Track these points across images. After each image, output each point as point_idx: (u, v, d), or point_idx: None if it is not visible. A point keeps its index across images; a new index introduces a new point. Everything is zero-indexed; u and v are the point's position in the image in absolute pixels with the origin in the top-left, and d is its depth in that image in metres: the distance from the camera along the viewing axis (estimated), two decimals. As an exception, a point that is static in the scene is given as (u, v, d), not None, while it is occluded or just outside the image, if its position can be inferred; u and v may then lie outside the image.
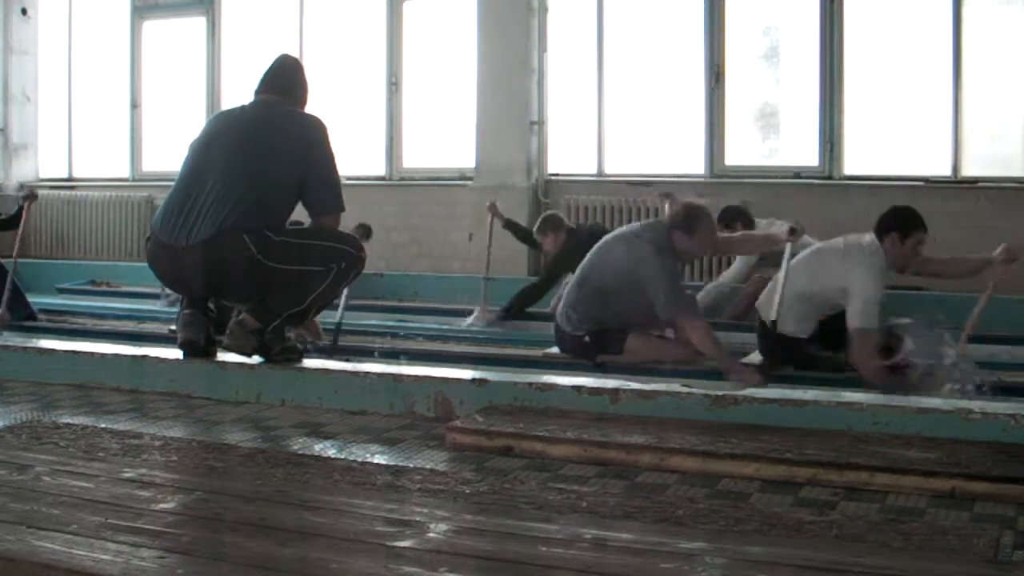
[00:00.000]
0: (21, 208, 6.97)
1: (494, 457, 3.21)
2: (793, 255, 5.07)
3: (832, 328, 4.98)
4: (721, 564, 2.19)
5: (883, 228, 4.92)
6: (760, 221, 6.58)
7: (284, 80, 4.34)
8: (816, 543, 2.34)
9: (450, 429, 3.40)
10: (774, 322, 4.92)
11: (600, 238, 5.43)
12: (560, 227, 6.89)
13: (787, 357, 5.04)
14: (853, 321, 4.76)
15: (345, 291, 5.40)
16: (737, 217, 6.57)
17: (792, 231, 5.00)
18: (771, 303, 5.06)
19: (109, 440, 3.26)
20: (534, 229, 7.14)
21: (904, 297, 6.15)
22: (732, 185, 8.07)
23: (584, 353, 5.14)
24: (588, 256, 5.29)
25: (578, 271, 5.38)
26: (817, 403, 3.44)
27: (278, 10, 9.98)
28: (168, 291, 6.73)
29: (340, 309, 5.88)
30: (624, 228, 5.44)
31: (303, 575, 2.12)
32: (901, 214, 5.00)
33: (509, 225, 7.66)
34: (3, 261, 6.91)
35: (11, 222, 7.25)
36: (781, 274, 5.01)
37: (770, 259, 5.96)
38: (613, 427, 3.32)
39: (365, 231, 6.97)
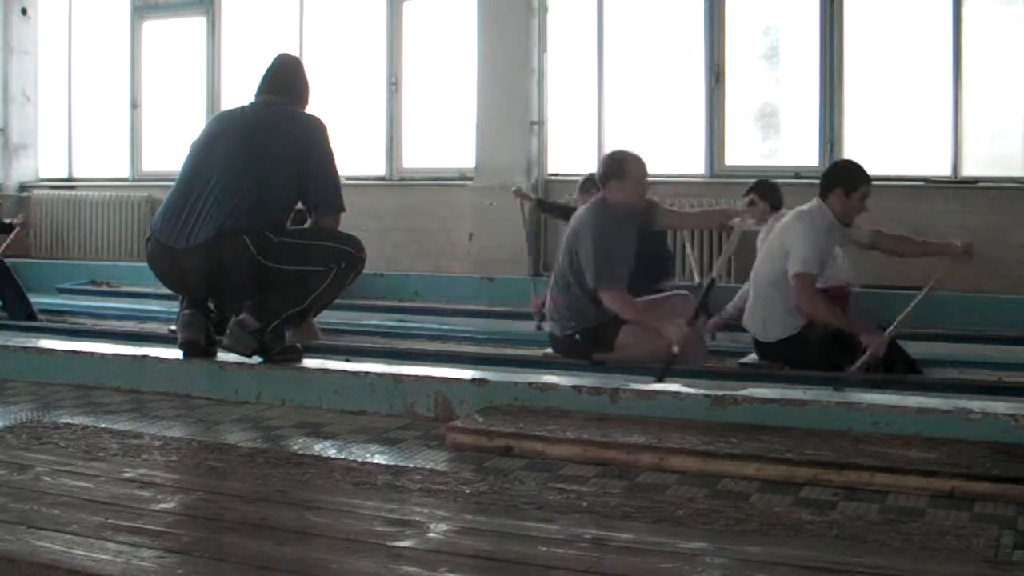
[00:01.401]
0: (12, 227, 7.03)
1: (494, 457, 3.21)
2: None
3: (826, 326, 4.99)
4: (721, 564, 2.19)
5: (826, 185, 4.98)
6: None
7: (284, 79, 4.34)
8: (816, 543, 2.34)
9: (450, 429, 3.40)
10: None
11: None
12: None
13: (788, 357, 5.03)
14: (793, 267, 4.83)
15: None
16: (770, 190, 6.44)
17: (751, 204, 5.07)
18: (753, 318, 5.09)
19: (109, 440, 3.26)
20: (578, 186, 6.94)
21: (903, 296, 6.14)
22: (732, 185, 8.06)
23: (577, 352, 5.09)
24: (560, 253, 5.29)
25: (553, 270, 5.36)
26: (817, 403, 3.44)
27: (278, 10, 9.98)
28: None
29: None
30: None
31: (303, 575, 2.12)
32: (845, 168, 5.09)
33: (542, 204, 7.59)
34: (9, 260, 6.96)
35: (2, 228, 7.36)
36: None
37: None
38: (613, 427, 3.32)
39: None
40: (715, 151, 8.51)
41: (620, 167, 5.05)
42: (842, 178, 4.96)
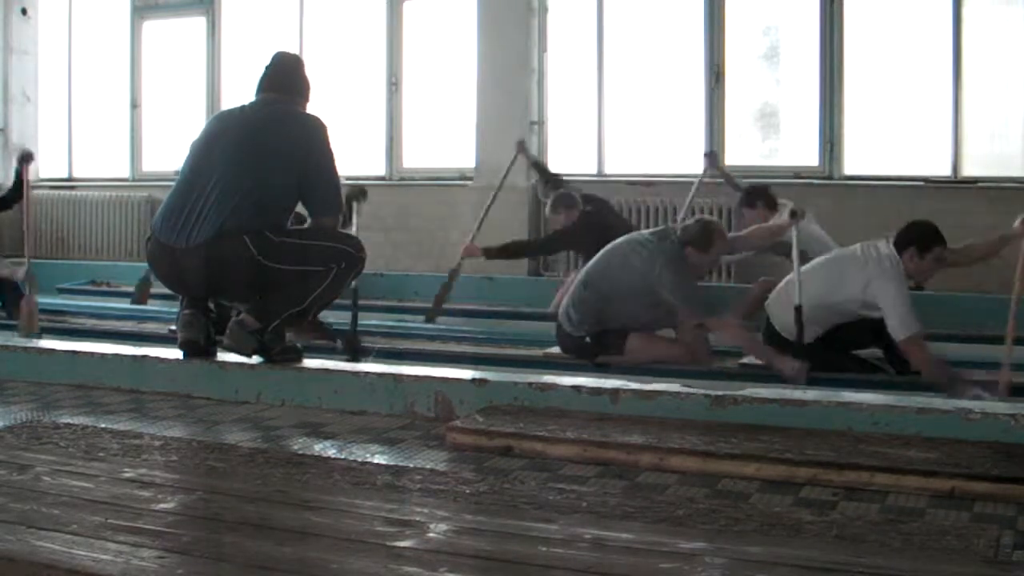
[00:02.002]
0: (19, 173, 6.85)
1: (494, 457, 3.21)
2: (800, 254, 5.11)
3: (840, 333, 5.00)
4: (721, 564, 2.19)
5: (902, 243, 4.93)
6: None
7: (284, 78, 4.33)
8: (816, 543, 2.34)
9: (450, 429, 3.40)
10: (798, 307, 4.90)
11: (612, 228, 5.44)
12: (575, 207, 6.82)
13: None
14: (899, 333, 4.76)
15: (355, 287, 5.38)
16: (760, 197, 6.54)
17: (793, 214, 5.08)
18: (780, 303, 5.08)
19: (109, 440, 3.26)
20: (548, 205, 7.04)
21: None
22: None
23: (584, 353, 5.15)
24: (597, 259, 5.29)
25: (583, 273, 5.39)
26: (817, 403, 3.44)
27: (278, 10, 9.97)
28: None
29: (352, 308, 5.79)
30: (635, 235, 5.43)
31: (303, 575, 2.12)
32: (920, 229, 5.01)
33: (536, 166, 7.68)
34: (12, 260, 6.92)
35: (13, 194, 7.15)
36: (795, 255, 5.06)
37: (777, 248, 6.01)
38: (613, 427, 3.32)
39: (360, 191, 6.75)
40: (715, 151, 8.49)
41: (706, 241, 5.16)
42: (916, 239, 4.93)
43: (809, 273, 5.13)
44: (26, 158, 6.80)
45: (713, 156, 7.74)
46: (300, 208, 4.34)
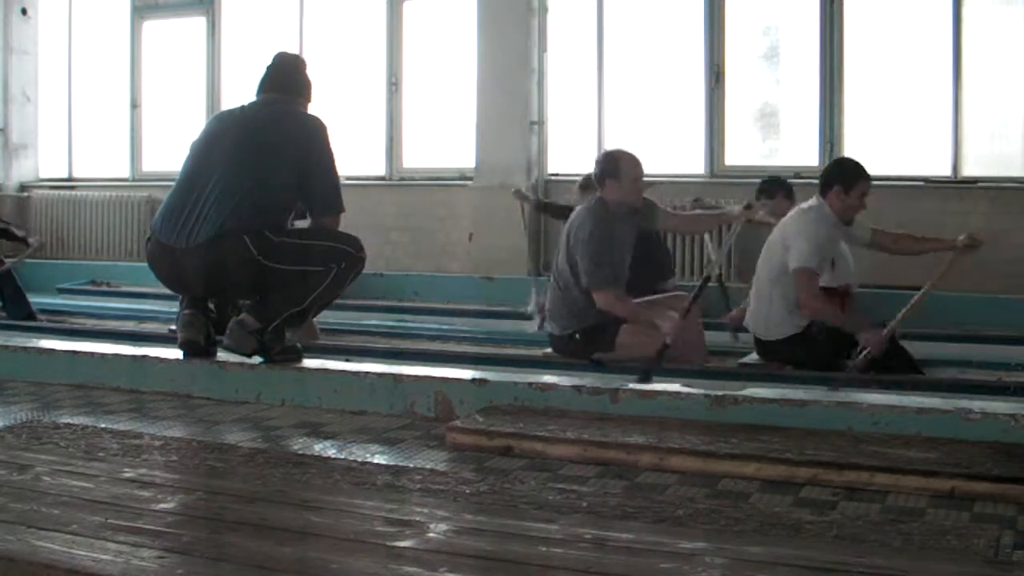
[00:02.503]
0: (24, 240, 7.09)
1: (494, 457, 3.21)
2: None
3: (827, 326, 5.00)
4: (721, 564, 2.19)
5: (826, 183, 4.99)
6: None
7: (284, 78, 4.34)
8: (816, 543, 2.34)
9: (450, 429, 3.40)
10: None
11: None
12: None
13: (789, 358, 5.03)
14: (791, 263, 4.83)
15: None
16: (780, 187, 6.52)
17: (748, 207, 5.09)
18: (755, 318, 5.09)
19: (109, 440, 3.26)
20: (578, 185, 6.96)
21: (903, 296, 6.15)
22: (732, 185, 8.06)
23: (578, 352, 5.09)
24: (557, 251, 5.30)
25: (552, 271, 5.37)
26: (817, 403, 3.44)
27: (278, 10, 9.97)
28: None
29: None
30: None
31: (303, 575, 2.12)
32: (843, 166, 5.08)
33: (541, 205, 7.60)
34: (11, 260, 6.97)
35: (6, 235, 7.38)
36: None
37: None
38: (613, 427, 3.32)
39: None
40: (715, 151, 8.50)
41: (615, 166, 5.07)
42: (840, 175, 4.98)
43: (761, 257, 5.17)
44: (38, 248, 7.13)
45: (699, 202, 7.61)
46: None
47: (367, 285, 7.24)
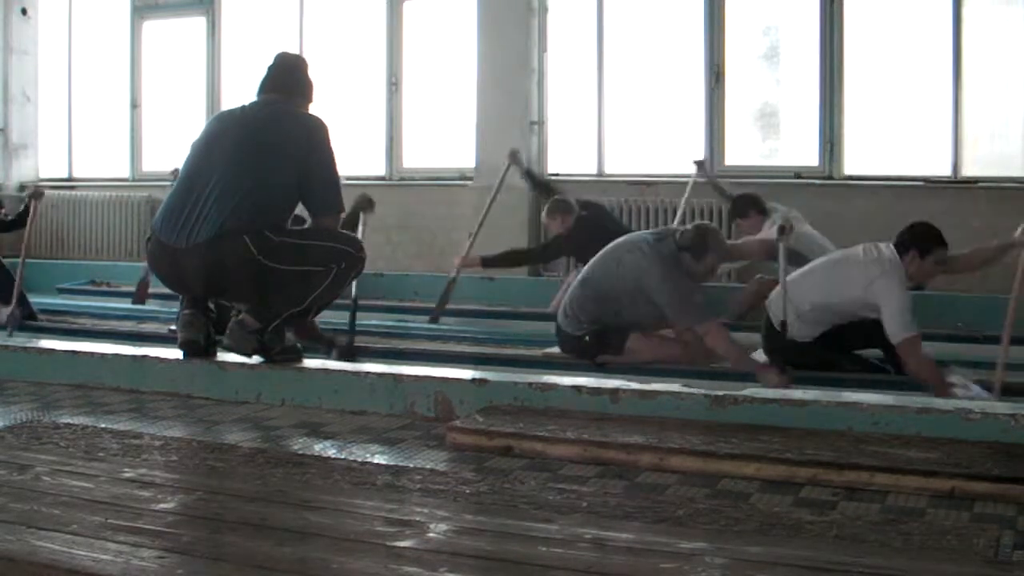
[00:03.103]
0: (27, 207, 6.97)
1: (494, 457, 3.21)
2: (793, 254, 5.09)
3: (839, 333, 5.00)
4: (721, 564, 2.19)
5: (903, 245, 4.92)
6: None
7: (285, 78, 4.34)
8: (816, 543, 2.34)
9: (450, 429, 3.40)
10: (783, 323, 4.91)
11: (608, 231, 5.43)
12: (570, 212, 6.83)
13: (791, 359, 5.03)
14: (896, 335, 4.74)
15: (354, 291, 5.39)
16: (750, 205, 6.58)
17: (781, 230, 5.05)
18: (778, 305, 5.06)
19: (109, 440, 3.26)
20: (543, 211, 7.06)
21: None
22: (732, 185, 8.06)
23: (584, 353, 5.15)
24: (595, 260, 5.29)
25: (582, 272, 5.39)
26: (817, 403, 3.44)
27: (278, 10, 9.97)
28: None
29: (352, 309, 5.80)
30: (634, 235, 5.42)
31: (303, 575, 2.12)
32: (921, 232, 4.97)
33: (529, 176, 7.67)
34: (9, 260, 6.92)
35: (17, 222, 7.27)
36: (781, 274, 5.02)
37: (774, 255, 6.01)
38: (613, 427, 3.32)
39: (368, 202, 6.73)
40: (715, 151, 8.50)
41: (702, 250, 5.08)
42: (917, 241, 4.90)
43: (809, 275, 5.13)
44: (37, 195, 6.90)
45: (702, 164, 7.73)
46: (300, 210, 4.34)
47: (367, 285, 7.23)
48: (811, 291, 5.00)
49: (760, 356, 5.19)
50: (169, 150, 9.58)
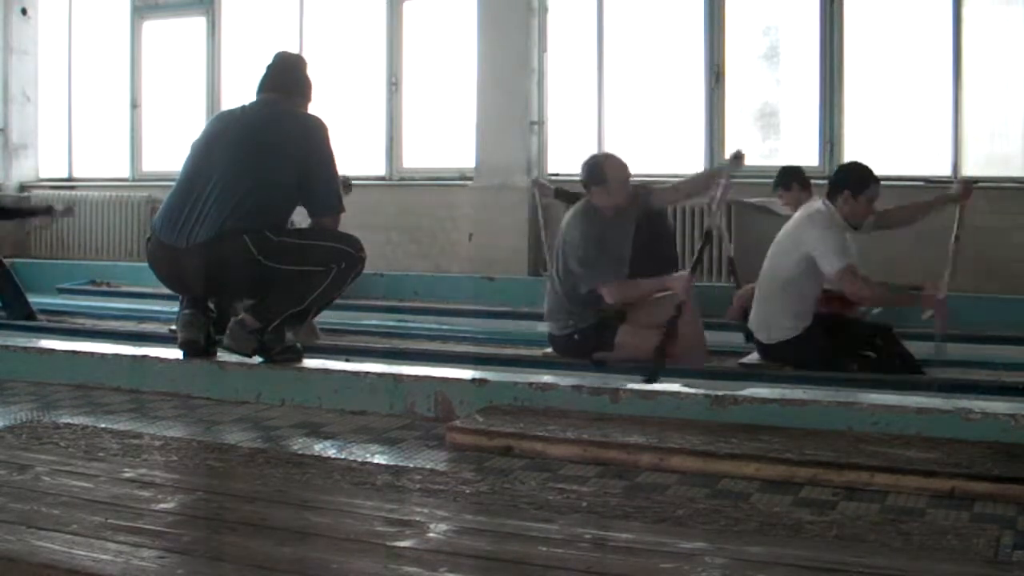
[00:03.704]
0: (46, 209, 6.97)
1: (494, 457, 3.21)
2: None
3: (839, 333, 5.01)
4: (721, 564, 2.19)
5: (834, 188, 4.98)
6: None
7: (284, 77, 4.34)
8: (816, 543, 2.34)
9: (450, 429, 3.40)
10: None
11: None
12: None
13: (791, 359, 5.03)
14: (829, 268, 4.80)
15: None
16: (794, 178, 6.52)
17: (736, 158, 5.10)
18: (757, 320, 5.08)
19: (109, 440, 3.26)
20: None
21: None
22: (732, 185, 8.05)
23: (578, 352, 5.10)
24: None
25: (549, 272, 5.38)
26: (817, 403, 3.44)
27: (278, 10, 9.97)
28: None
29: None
30: None
31: (303, 575, 2.12)
32: (851, 171, 5.06)
33: (560, 194, 7.64)
34: (9, 260, 6.94)
35: (14, 212, 7.25)
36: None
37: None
38: (613, 427, 3.32)
39: (344, 183, 6.65)
40: (715, 151, 8.49)
41: (600, 172, 5.08)
42: (849, 180, 4.96)
43: (765, 267, 5.16)
44: (67, 212, 6.95)
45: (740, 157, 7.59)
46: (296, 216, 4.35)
47: (367, 285, 7.24)
48: (773, 273, 5.04)
49: (754, 357, 5.21)
50: (169, 150, 9.58)
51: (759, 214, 7.06)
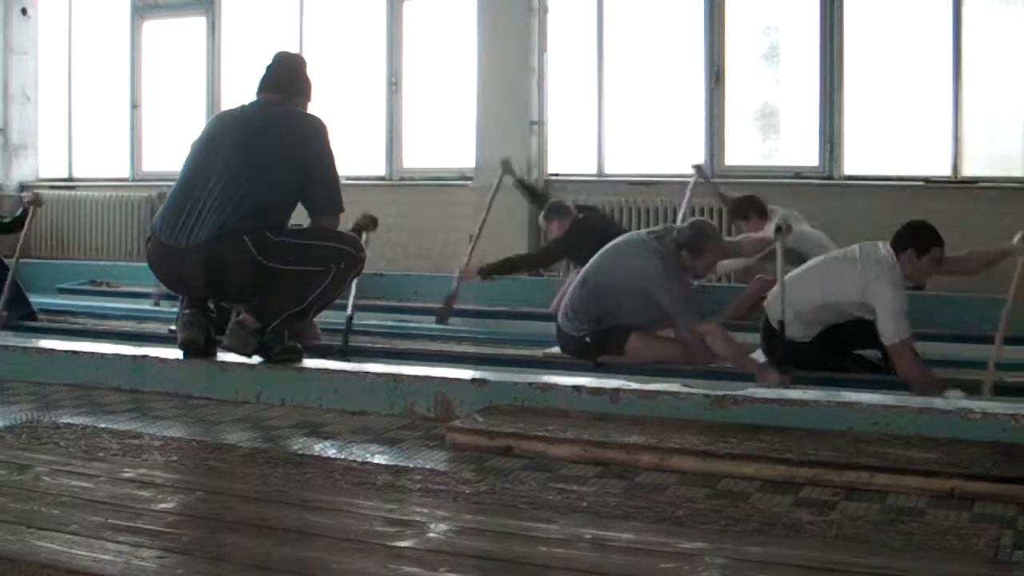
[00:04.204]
0: (25, 212, 6.98)
1: (494, 457, 3.21)
2: (792, 253, 5.08)
3: (838, 333, 5.00)
4: (721, 564, 2.19)
5: (900, 244, 4.90)
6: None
7: (284, 77, 4.34)
8: (816, 543, 2.34)
9: (450, 429, 3.40)
10: (781, 323, 4.91)
11: (605, 234, 5.44)
12: (567, 215, 6.84)
13: (791, 359, 5.03)
14: (889, 338, 4.74)
15: (353, 290, 5.39)
16: (750, 208, 6.58)
17: (778, 229, 5.06)
18: (776, 304, 5.06)
19: (109, 440, 3.26)
20: (541, 215, 7.08)
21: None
22: (732, 185, 8.06)
23: (585, 353, 5.15)
24: (594, 259, 5.29)
25: (582, 272, 5.39)
26: (817, 403, 3.44)
27: (278, 10, 9.97)
28: (156, 289, 6.83)
29: (349, 307, 5.79)
30: (633, 235, 5.43)
31: (303, 575, 2.12)
32: (917, 231, 4.96)
33: (521, 185, 7.68)
34: (5, 260, 6.92)
35: (13, 225, 7.27)
36: (778, 273, 5.03)
37: (771, 257, 6.00)
38: (613, 427, 3.32)
39: (371, 220, 6.70)
40: (715, 151, 8.49)
41: (699, 247, 5.08)
42: (915, 240, 4.88)
43: (807, 273, 5.14)
44: (36, 203, 6.92)
45: (700, 168, 7.68)
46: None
47: (367, 285, 7.23)
48: (809, 291, 5.00)
49: (760, 356, 5.19)
50: (169, 150, 9.58)
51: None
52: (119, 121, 10.67)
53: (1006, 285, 5.07)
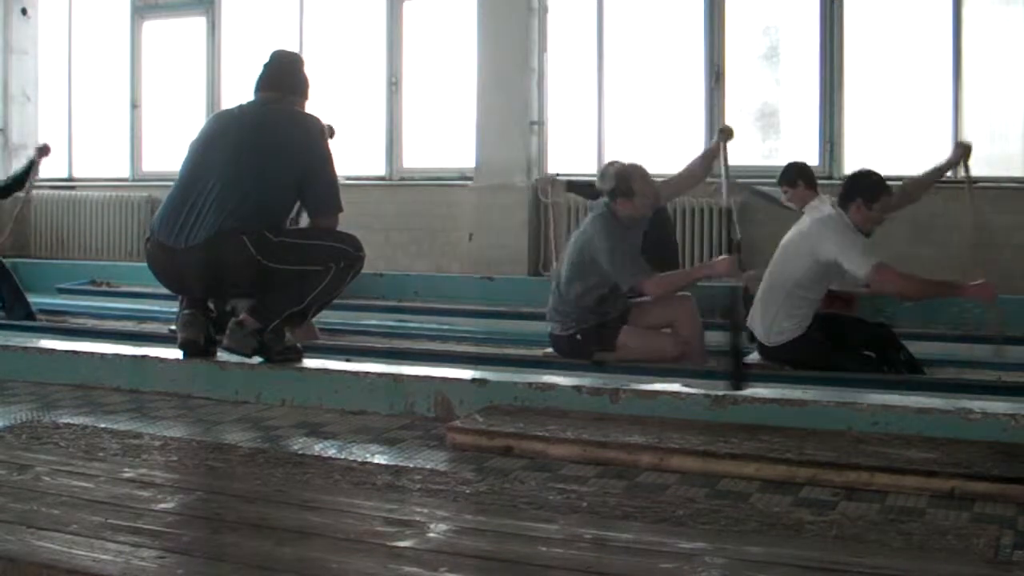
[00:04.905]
0: (32, 163, 6.90)
1: (494, 457, 3.21)
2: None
3: (839, 332, 5.01)
4: (721, 564, 2.19)
5: (847, 196, 4.96)
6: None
7: (282, 76, 4.33)
8: (816, 543, 2.34)
9: (450, 429, 3.40)
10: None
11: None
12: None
13: (790, 359, 5.03)
14: (862, 273, 4.77)
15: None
16: (800, 175, 6.46)
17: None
18: (757, 320, 5.07)
19: (109, 440, 3.26)
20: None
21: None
22: (731, 187, 8.06)
23: (579, 352, 5.12)
24: (564, 256, 5.32)
25: (557, 272, 5.39)
26: (817, 403, 3.44)
27: (278, 10, 9.97)
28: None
29: None
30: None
31: (303, 575, 2.12)
32: (864, 180, 5.04)
33: (573, 187, 7.64)
34: (9, 261, 6.93)
35: (13, 185, 7.20)
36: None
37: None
38: (613, 427, 3.32)
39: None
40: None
41: (628, 185, 5.07)
42: (862, 189, 4.93)
43: (774, 262, 5.16)
44: (44, 151, 6.84)
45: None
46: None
47: (367, 285, 7.23)
48: (781, 277, 5.02)
49: (755, 357, 5.20)
50: (169, 150, 9.58)
51: (764, 201, 7.02)
52: (119, 121, 10.67)
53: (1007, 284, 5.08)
